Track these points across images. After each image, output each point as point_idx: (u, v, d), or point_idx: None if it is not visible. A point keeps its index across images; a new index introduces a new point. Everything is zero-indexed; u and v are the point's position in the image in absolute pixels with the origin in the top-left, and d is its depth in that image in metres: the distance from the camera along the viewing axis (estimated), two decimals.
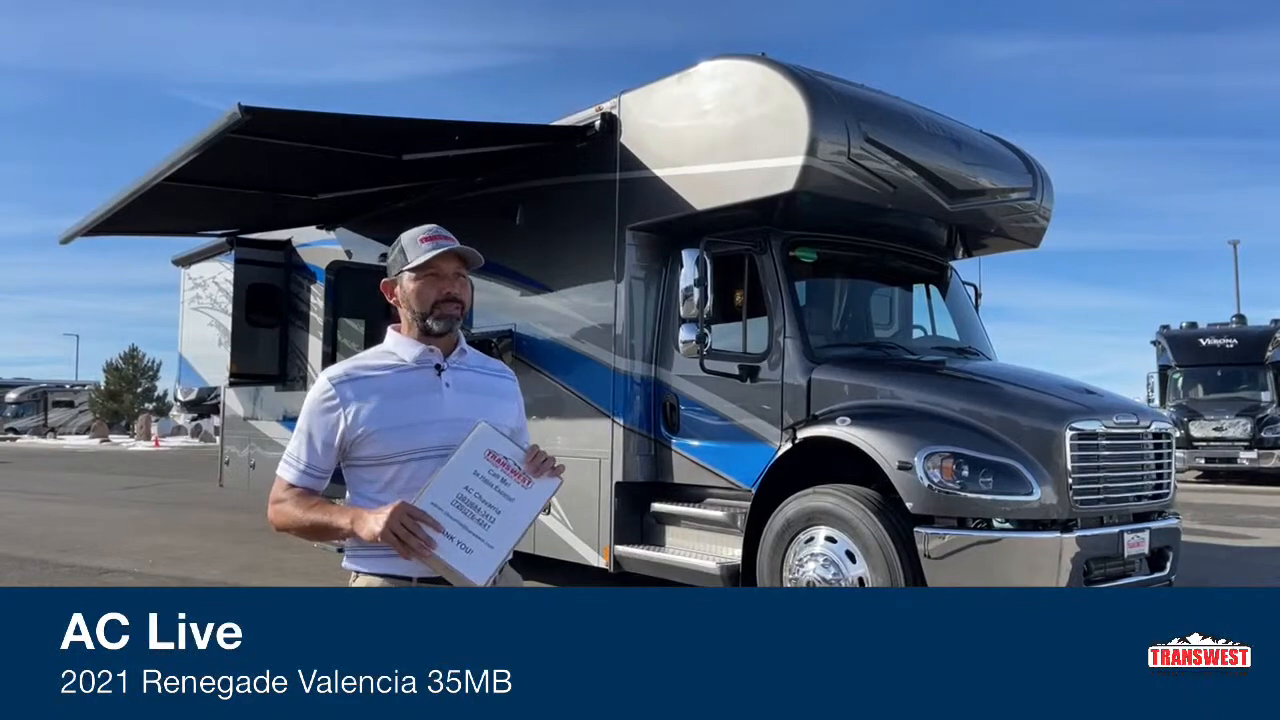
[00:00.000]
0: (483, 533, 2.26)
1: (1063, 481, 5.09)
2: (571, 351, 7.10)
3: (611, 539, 6.62)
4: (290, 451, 2.40)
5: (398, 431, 2.33)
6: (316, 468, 2.39)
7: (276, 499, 2.42)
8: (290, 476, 2.40)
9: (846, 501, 5.33)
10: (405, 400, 2.36)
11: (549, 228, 7.40)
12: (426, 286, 2.40)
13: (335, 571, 2.32)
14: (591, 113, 6.99)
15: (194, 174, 6.86)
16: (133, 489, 18.26)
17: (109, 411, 51.76)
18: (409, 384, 2.39)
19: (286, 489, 2.40)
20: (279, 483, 2.42)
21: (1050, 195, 7.19)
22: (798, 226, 6.31)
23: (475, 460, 2.29)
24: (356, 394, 2.34)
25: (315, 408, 2.37)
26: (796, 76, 5.75)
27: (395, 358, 2.42)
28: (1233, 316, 23.99)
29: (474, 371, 2.50)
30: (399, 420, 2.34)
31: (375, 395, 2.34)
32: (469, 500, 2.26)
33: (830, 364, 5.87)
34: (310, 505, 2.37)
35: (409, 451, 2.33)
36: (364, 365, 2.42)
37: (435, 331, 2.41)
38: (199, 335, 12.00)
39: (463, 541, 2.24)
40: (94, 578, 8.63)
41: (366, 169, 7.30)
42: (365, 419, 2.32)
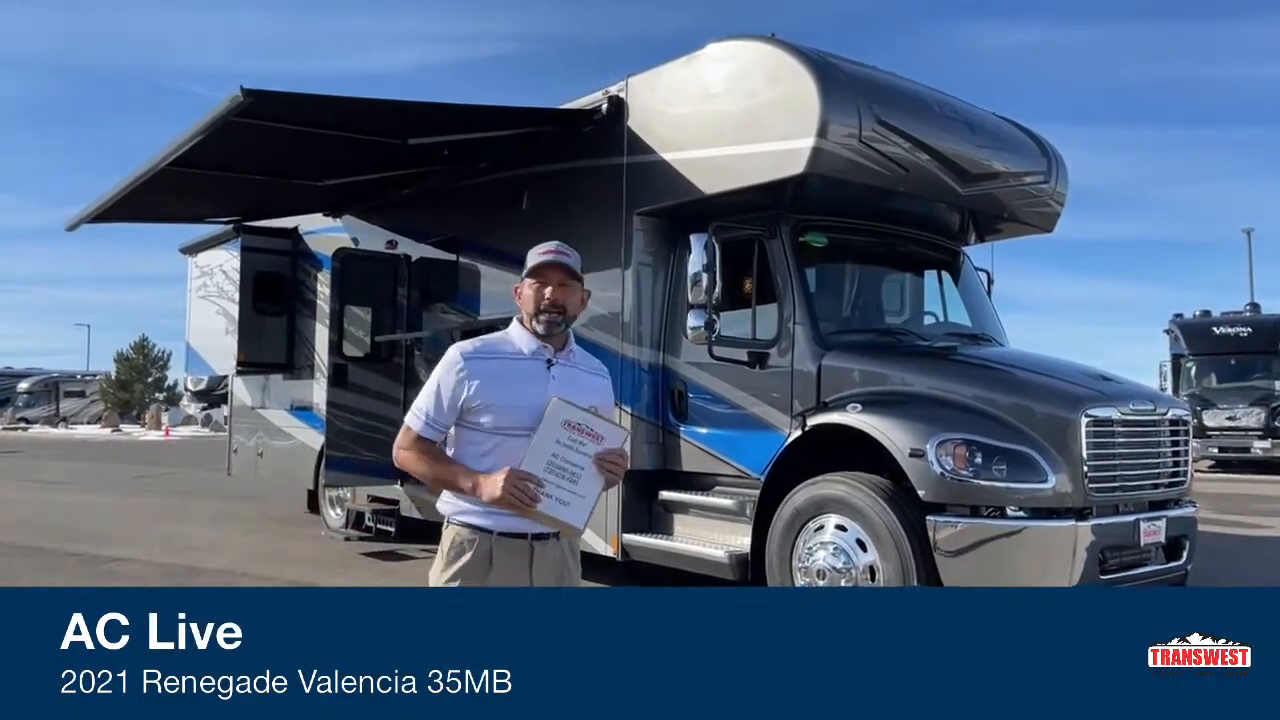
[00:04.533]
0: (573, 487, 2.61)
1: (1078, 469, 5.00)
2: (578, 338, 6.98)
3: (620, 527, 6.55)
4: (420, 406, 2.72)
5: (507, 409, 2.66)
6: (439, 422, 2.71)
7: (404, 445, 2.74)
8: (417, 427, 2.71)
9: (857, 489, 5.25)
10: (517, 384, 2.69)
11: (556, 213, 7.30)
12: (534, 292, 2.75)
13: (341, 561, 2.30)
14: (598, 96, 6.90)
15: (198, 159, 6.80)
16: (142, 478, 18.30)
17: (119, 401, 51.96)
18: (523, 371, 2.72)
19: (414, 438, 2.72)
20: (407, 431, 2.74)
21: (1065, 179, 7.07)
22: (808, 211, 6.21)
23: (555, 430, 2.62)
24: (480, 370, 2.68)
25: (447, 373, 2.70)
26: (807, 57, 5.65)
27: (514, 347, 2.75)
28: (1246, 305, 23.79)
29: (576, 368, 2.83)
30: (510, 400, 2.66)
31: (495, 374, 2.68)
32: (557, 464, 2.60)
33: (841, 350, 5.78)
34: (436, 460, 2.71)
35: (511, 427, 2.65)
36: (490, 347, 2.76)
37: (540, 332, 2.74)
38: (206, 324, 11.98)
39: (559, 498, 2.59)
40: (101, 566, 8.60)
41: (370, 154, 7.23)
42: (483, 392, 2.66)
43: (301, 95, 5.69)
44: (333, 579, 7.88)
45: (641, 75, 6.73)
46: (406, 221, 9.11)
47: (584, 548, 6.75)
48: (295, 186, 8.23)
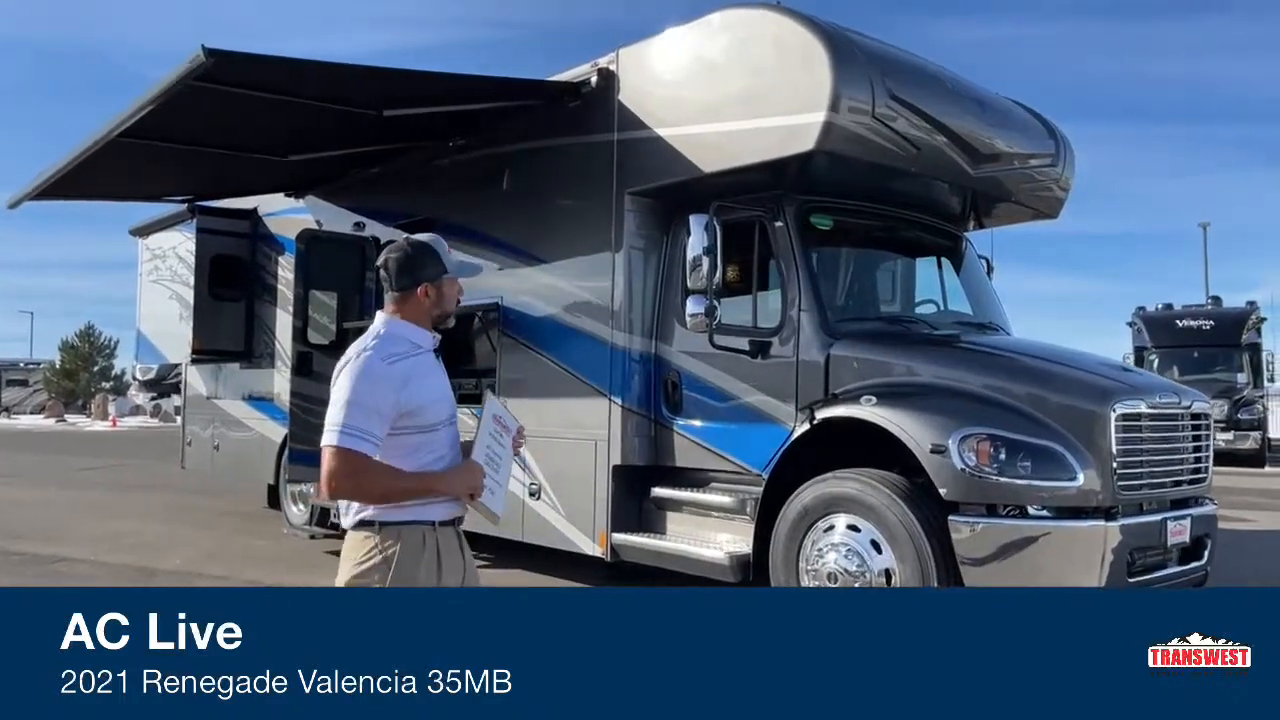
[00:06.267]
0: (497, 476, 2.80)
1: (1106, 465, 4.71)
2: (565, 326, 6.62)
3: (609, 525, 6.18)
4: (352, 425, 2.51)
5: (431, 404, 2.68)
6: (377, 436, 2.56)
7: (350, 472, 2.51)
8: (364, 448, 2.52)
9: (872, 487, 4.93)
10: (431, 379, 2.72)
11: (539, 193, 6.91)
12: (454, 291, 2.81)
13: (306, 559, 2.20)
14: (586, 69, 6.50)
15: (154, 129, 6.29)
16: (90, 470, 17.55)
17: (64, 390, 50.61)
18: (430, 365, 2.74)
19: (363, 461, 2.52)
20: (351, 456, 2.50)
21: (1072, 165, 6.81)
22: (811, 191, 5.87)
23: (490, 424, 2.83)
24: (406, 374, 2.62)
25: (373, 383, 2.56)
26: (818, 27, 5.30)
27: (412, 343, 2.71)
28: (1209, 298, 23.98)
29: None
30: (432, 395, 2.69)
31: (417, 375, 2.66)
32: (490, 456, 2.79)
33: (850, 340, 5.45)
34: (397, 474, 2.60)
35: (439, 421, 2.70)
36: (397, 348, 2.66)
37: (448, 327, 2.83)
38: (158, 309, 11.40)
39: (489, 488, 2.74)
40: (46, 566, 8.07)
41: (342, 127, 6.75)
42: (417, 394, 2.63)
43: (270, 57, 5.20)
44: (297, 579, 7.43)
45: (633, 47, 6.34)
46: (375, 202, 8.65)
47: (569, 547, 6.49)
48: (257, 162, 7.71)
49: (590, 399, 6.35)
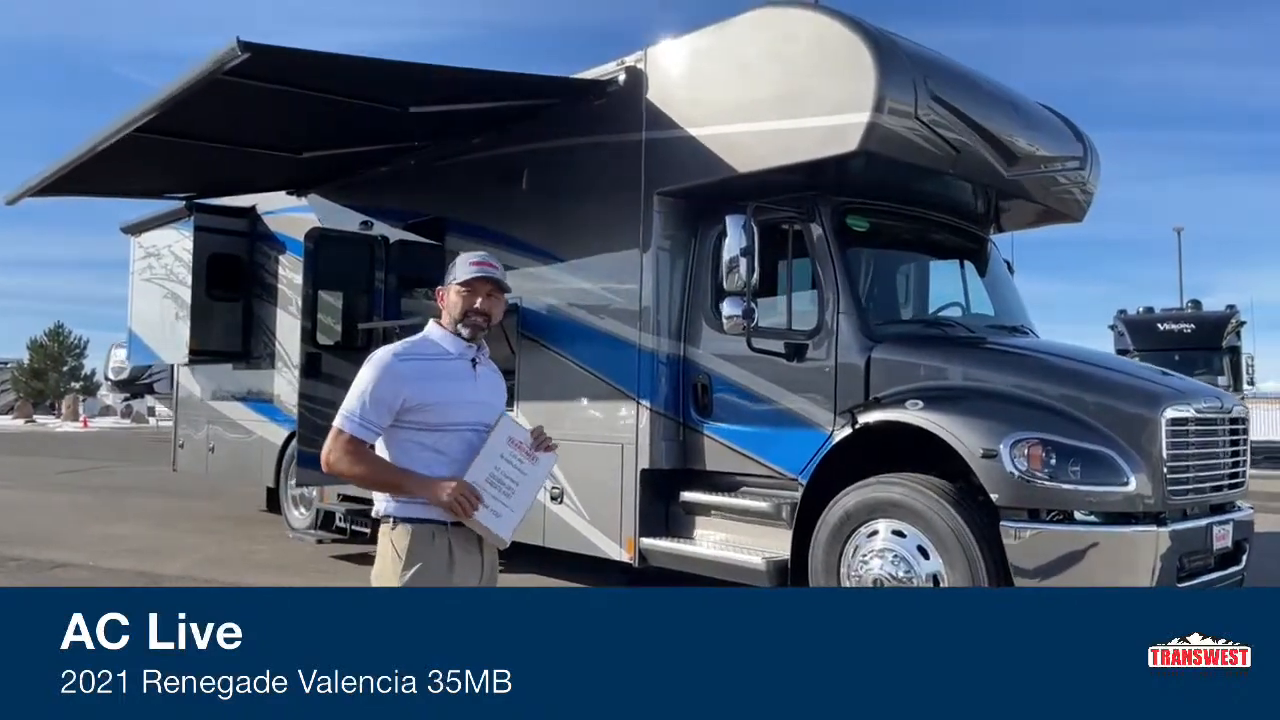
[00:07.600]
0: (507, 500, 2.80)
1: (1157, 471, 4.69)
2: (589, 328, 6.51)
3: (636, 531, 6.08)
4: (351, 410, 2.78)
5: (442, 406, 2.82)
6: (375, 424, 2.78)
7: (336, 449, 2.78)
8: (352, 429, 2.77)
9: (918, 492, 4.87)
10: (448, 382, 2.86)
11: (561, 193, 6.79)
12: (462, 299, 2.90)
13: (309, 562, 2.22)
14: (613, 67, 6.40)
15: (165, 124, 6.10)
16: (72, 472, 17.20)
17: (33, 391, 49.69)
18: (452, 370, 2.89)
19: (348, 440, 2.77)
20: (339, 435, 2.78)
21: (1098, 168, 6.80)
22: (846, 193, 5.81)
23: (500, 445, 2.83)
24: (416, 370, 2.82)
25: (381, 375, 2.79)
26: (860, 27, 5.23)
27: (440, 348, 2.91)
28: (1189, 302, 24.22)
29: (488, 368, 3.03)
30: (444, 397, 2.83)
31: (428, 374, 2.83)
32: (497, 477, 2.80)
33: (890, 343, 5.39)
34: (375, 462, 2.81)
35: (451, 423, 2.82)
36: (418, 349, 2.91)
37: (464, 335, 2.91)
38: (152, 309, 11.13)
39: (494, 509, 2.77)
40: (44, 572, 7.85)
41: (365, 123, 6.59)
42: (421, 391, 2.79)
43: (306, 52, 5.04)
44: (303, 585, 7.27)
45: (662, 45, 6.25)
46: (382, 201, 8.50)
47: (594, 552, 6.38)
48: (269, 159, 7.52)
49: (617, 401, 6.25)
